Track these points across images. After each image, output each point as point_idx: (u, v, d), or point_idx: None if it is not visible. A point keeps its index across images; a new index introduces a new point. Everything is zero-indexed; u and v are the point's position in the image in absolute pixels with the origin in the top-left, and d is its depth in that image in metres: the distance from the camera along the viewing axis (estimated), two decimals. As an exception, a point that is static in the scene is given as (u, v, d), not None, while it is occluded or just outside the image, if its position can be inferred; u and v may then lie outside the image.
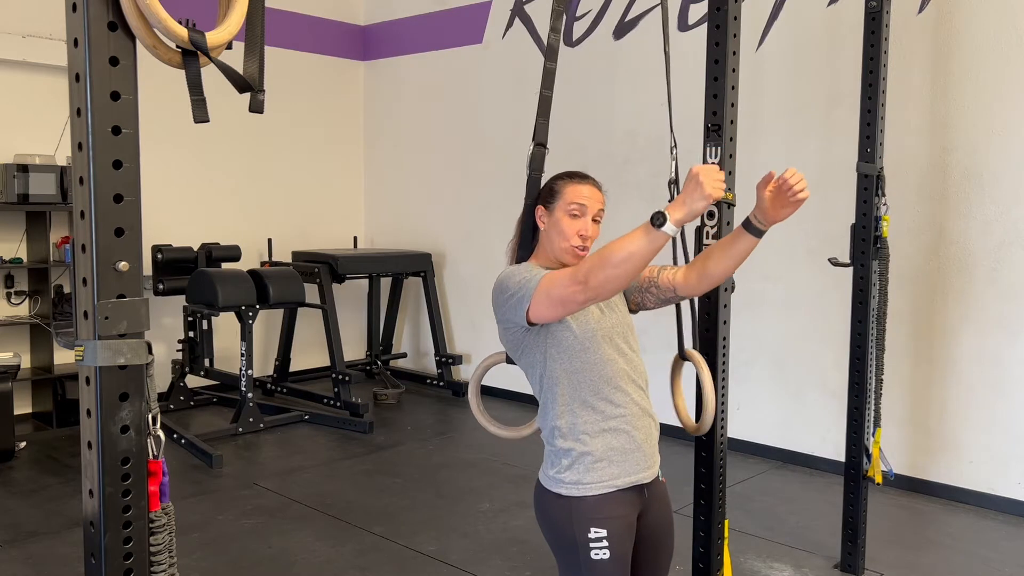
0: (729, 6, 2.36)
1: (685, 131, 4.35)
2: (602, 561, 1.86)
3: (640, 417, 1.95)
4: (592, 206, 1.97)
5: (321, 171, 7.01)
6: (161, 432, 1.30)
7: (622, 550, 1.89)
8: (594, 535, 1.86)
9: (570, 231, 1.95)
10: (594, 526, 1.87)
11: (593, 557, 1.87)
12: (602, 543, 1.86)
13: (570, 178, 2.00)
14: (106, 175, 1.21)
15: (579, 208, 1.95)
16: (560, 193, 1.98)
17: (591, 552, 1.86)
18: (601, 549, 1.86)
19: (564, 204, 1.96)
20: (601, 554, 1.86)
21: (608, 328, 1.95)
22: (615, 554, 1.87)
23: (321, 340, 6.33)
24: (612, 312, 1.99)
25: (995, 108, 4.07)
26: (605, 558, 1.86)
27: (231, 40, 1.29)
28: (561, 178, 2.01)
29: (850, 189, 3.53)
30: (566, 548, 1.91)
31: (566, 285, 1.74)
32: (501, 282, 1.93)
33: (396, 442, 5.23)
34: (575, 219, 1.96)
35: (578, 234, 1.95)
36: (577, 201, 1.95)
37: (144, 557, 1.28)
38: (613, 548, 1.87)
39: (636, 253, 1.65)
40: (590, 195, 1.97)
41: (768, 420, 4.94)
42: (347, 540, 3.71)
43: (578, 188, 1.97)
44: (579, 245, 1.95)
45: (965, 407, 4.23)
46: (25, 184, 5.05)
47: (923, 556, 3.62)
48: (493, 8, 6.23)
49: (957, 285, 4.23)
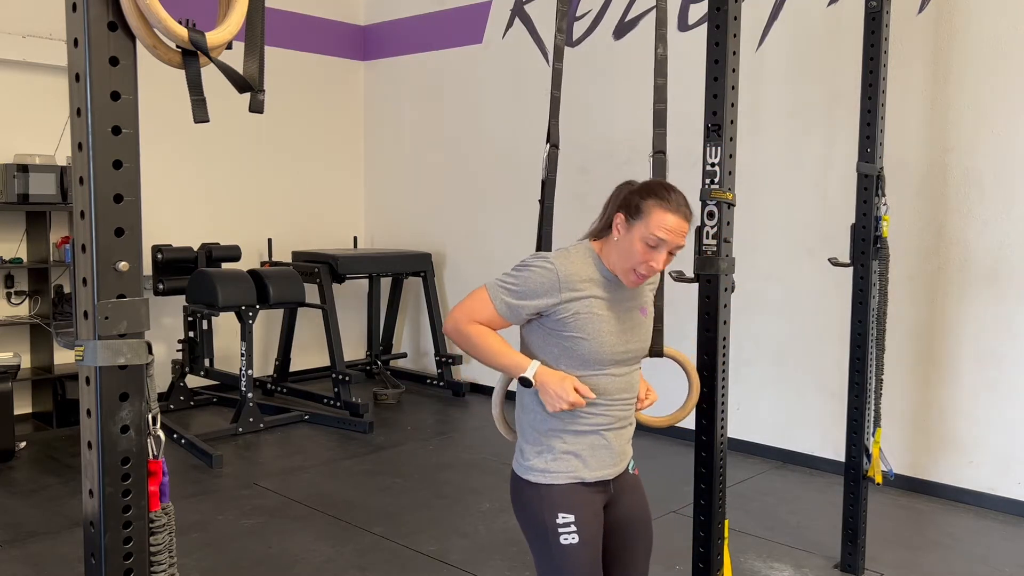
0: (729, 6, 2.36)
1: (685, 131, 4.37)
2: (572, 546, 1.91)
3: (617, 422, 2.00)
4: (673, 242, 1.85)
5: (321, 171, 7.01)
6: (161, 432, 1.31)
7: (590, 535, 1.94)
8: (562, 520, 1.92)
9: (639, 259, 1.86)
10: (562, 511, 1.92)
11: (562, 542, 1.91)
12: (570, 528, 1.92)
13: (661, 200, 1.86)
14: (106, 175, 1.21)
15: (661, 241, 1.85)
16: (644, 215, 1.86)
17: (560, 537, 1.91)
18: (570, 534, 1.91)
19: (644, 230, 1.85)
20: (570, 539, 1.91)
21: (623, 354, 1.97)
22: (584, 539, 1.92)
23: (321, 340, 6.33)
24: (635, 339, 1.99)
25: (995, 108, 4.07)
26: (574, 543, 1.91)
27: (231, 40, 1.29)
28: (652, 195, 1.88)
29: (850, 189, 3.53)
30: (537, 534, 1.96)
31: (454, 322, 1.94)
32: (525, 261, 1.94)
33: (396, 442, 5.23)
34: (652, 250, 1.86)
35: (648, 265, 1.87)
36: (658, 235, 1.84)
37: (144, 557, 1.28)
38: (582, 533, 1.92)
39: (493, 362, 1.91)
40: (675, 229, 1.85)
41: (768, 420, 4.94)
42: (347, 540, 3.71)
43: (665, 218, 1.84)
44: (641, 273, 1.89)
45: (965, 407, 4.23)
46: (25, 184, 5.04)
47: (923, 556, 3.62)
48: (493, 8, 6.23)
49: (957, 285, 4.23)
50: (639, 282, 1.91)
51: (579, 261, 1.93)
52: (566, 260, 1.91)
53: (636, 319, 1.99)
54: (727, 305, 2.48)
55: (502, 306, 1.89)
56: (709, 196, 2.39)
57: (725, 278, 2.44)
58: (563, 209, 5.64)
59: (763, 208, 4.85)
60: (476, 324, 1.92)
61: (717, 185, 2.39)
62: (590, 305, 1.89)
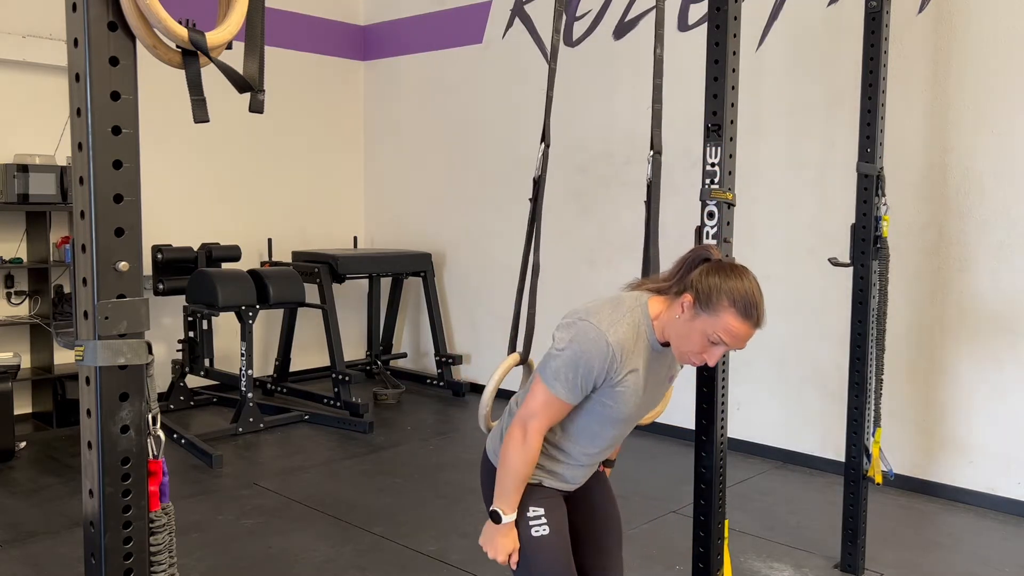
0: (729, 6, 2.36)
1: (685, 131, 4.38)
2: (543, 537, 1.95)
3: (600, 459, 2.05)
4: (736, 346, 1.79)
5: (321, 171, 7.01)
6: (161, 432, 1.31)
7: (560, 526, 1.99)
8: (532, 513, 1.96)
9: (699, 349, 1.80)
10: (532, 504, 1.96)
11: (534, 534, 1.95)
12: (540, 520, 1.95)
13: (737, 307, 1.75)
14: (106, 175, 1.21)
15: (727, 345, 1.78)
16: (718, 315, 1.75)
17: (531, 530, 1.95)
18: (540, 526, 1.95)
19: (713, 327, 1.76)
20: (541, 530, 1.95)
21: (637, 414, 1.97)
22: (554, 529, 1.96)
23: (321, 340, 6.33)
24: (650, 404, 1.99)
25: (995, 108, 4.07)
26: (546, 534, 1.95)
27: (231, 40, 1.29)
28: (732, 300, 1.75)
29: (850, 189, 3.53)
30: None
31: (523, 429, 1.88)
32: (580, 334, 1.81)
33: (396, 442, 5.23)
34: (713, 347, 1.79)
35: (703, 358, 1.81)
36: (732, 339, 1.77)
37: (144, 557, 1.28)
38: (552, 524, 1.96)
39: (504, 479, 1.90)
40: (741, 336, 1.77)
41: (768, 420, 4.94)
42: (347, 540, 3.71)
43: (743, 328, 1.76)
44: (691, 363, 1.85)
45: (965, 407, 4.23)
46: (25, 184, 5.04)
47: (923, 556, 3.62)
48: (493, 8, 6.23)
49: (957, 285, 4.23)
50: (689, 365, 1.89)
51: (630, 332, 1.83)
52: (619, 332, 1.81)
53: (663, 388, 2.01)
54: (727, 305, 2.47)
55: (568, 397, 1.84)
56: (709, 196, 2.39)
57: (725, 278, 2.44)
58: (562, 209, 5.68)
59: (763, 208, 4.85)
60: (543, 435, 1.89)
61: (717, 185, 2.39)
62: (630, 380, 1.86)
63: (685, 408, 2.69)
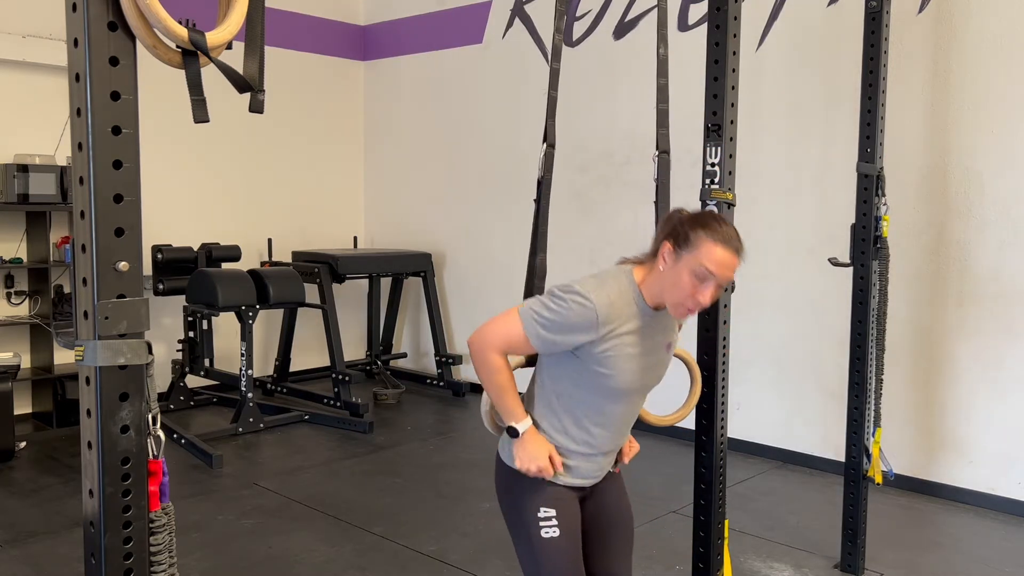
0: (729, 6, 2.36)
1: (685, 131, 4.37)
2: (553, 539, 1.94)
3: (611, 445, 2.02)
4: (722, 276, 1.77)
5: (321, 171, 7.01)
6: (161, 432, 1.30)
7: (571, 528, 1.97)
8: (544, 513, 1.95)
9: (689, 292, 1.79)
10: (544, 505, 1.95)
11: (543, 535, 1.94)
12: (551, 522, 1.94)
13: (717, 238, 1.78)
14: (106, 175, 1.21)
15: (706, 274, 1.77)
16: (696, 247, 1.78)
17: (541, 531, 1.94)
18: (551, 527, 1.94)
19: (695, 261, 1.77)
20: (551, 532, 1.94)
21: (638, 389, 1.96)
22: (564, 531, 1.95)
23: (321, 340, 6.33)
24: (653, 375, 1.98)
25: (995, 108, 4.07)
26: (555, 536, 1.94)
27: (231, 40, 1.29)
28: (705, 227, 1.79)
29: (850, 189, 3.53)
30: (518, 522, 2.00)
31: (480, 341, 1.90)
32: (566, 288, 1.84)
33: (396, 442, 5.23)
34: (702, 284, 1.78)
35: (697, 300, 1.79)
36: (716, 269, 1.76)
37: (144, 557, 1.28)
38: (562, 526, 1.95)
39: (496, 398, 1.91)
40: (725, 263, 1.77)
41: (768, 420, 4.94)
42: (347, 540, 3.71)
43: (715, 250, 1.76)
44: (688, 308, 1.82)
45: (965, 407, 4.23)
46: (25, 184, 5.04)
47: (923, 556, 3.62)
48: (493, 8, 6.23)
49: (957, 285, 4.23)
50: (688, 315, 1.85)
51: (617, 295, 1.84)
52: (604, 295, 1.82)
53: (660, 355, 1.97)
54: (727, 305, 2.48)
55: (535, 338, 1.84)
56: (709, 196, 2.39)
57: (725, 278, 2.44)
58: (562, 208, 5.67)
59: (763, 208, 4.85)
60: (500, 355, 1.88)
61: (717, 185, 2.39)
62: (623, 343, 1.85)
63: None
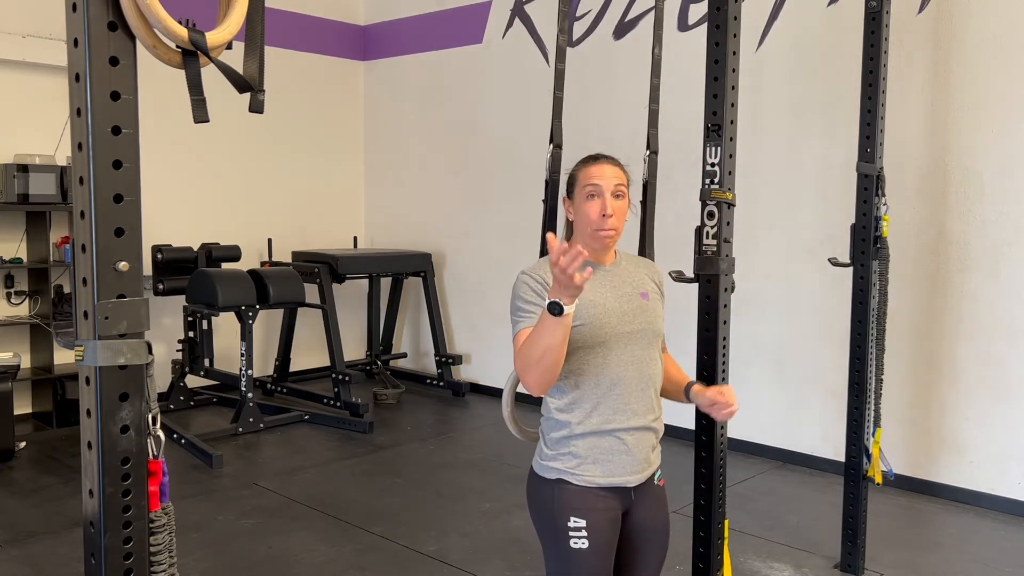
0: (729, 6, 2.36)
1: (685, 131, 4.37)
2: (580, 551, 1.89)
3: (635, 419, 1.94)
4: (608, 183, 1.94)
5: (321, 171, 7.01)
6: (161, 432, 1.30)
7: (602, 542, 1.91)
8: (573, 524, 1.90)
9: (591, 213, 1.94)
10: (574, 515, 1.90)
11: (572, 546, 1.89)
12: (581, 533, 1.89)
13: (584, 163, 2.01)
14: (106, 175, 1.21)
15: (594, 188, 1.94)
16: (577, 179, 2.00)
17: (570, 541, 1.90)
18: (580, 539, 1.89)
19: (581, 189, 1.97)
20: (580, 543, 1.89)
21: (628, 334, 1.93)
22: (594, 545, 1.89)
23: (321, 340, 6.33)
24: (639, 319, 1.96)
25: (995, 108, 4.07)
26: (584, 548, 1.89)
27: (231, 40, 1.29)
28: (577, 165, 2.03)
29: (850, 189, 3.53)
30: (548, 534, 1.95)
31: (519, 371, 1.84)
32: (513, 289, 1.96)
33: (396, 442, 5.23)
34: (593, 200, 1.95)
35: (599, 215, 1.93)
36: (591, 182, 1.95)
37: (144, 557, 1.28)
38: (592, 539, 1.89)
39: (551, 344, 1.73)
40: (600, 173, 1.96)
41: (768, 420, 4.94)
42: (347, 540, 3.71)
43: (590, 170, 1.97)
44: (599, 227, 1.94)
45: (965, 407, 4.23)
46: (25, 184, 5.04)
47: (923, 556, 3.62)
48: (493, 8, 6.23)
49: (957, 285, 4.23)
50: (608, 236, 1.94)
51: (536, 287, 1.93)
52: (541, 263, 1.95)
53: (636, 302, 1.97)
54: (727, 305, 2.48)
55: (527, 323, 1.89)
56: (709, 196, 2.39)
57: (725, 278, 2.44)
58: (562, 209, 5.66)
59: (763, 208, 4.85)
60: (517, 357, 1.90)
61: (717, 185, 2.39)
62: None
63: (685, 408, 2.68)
